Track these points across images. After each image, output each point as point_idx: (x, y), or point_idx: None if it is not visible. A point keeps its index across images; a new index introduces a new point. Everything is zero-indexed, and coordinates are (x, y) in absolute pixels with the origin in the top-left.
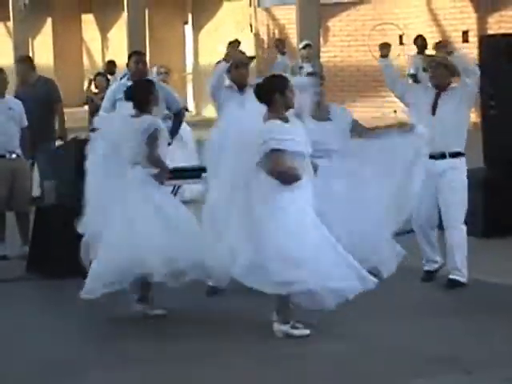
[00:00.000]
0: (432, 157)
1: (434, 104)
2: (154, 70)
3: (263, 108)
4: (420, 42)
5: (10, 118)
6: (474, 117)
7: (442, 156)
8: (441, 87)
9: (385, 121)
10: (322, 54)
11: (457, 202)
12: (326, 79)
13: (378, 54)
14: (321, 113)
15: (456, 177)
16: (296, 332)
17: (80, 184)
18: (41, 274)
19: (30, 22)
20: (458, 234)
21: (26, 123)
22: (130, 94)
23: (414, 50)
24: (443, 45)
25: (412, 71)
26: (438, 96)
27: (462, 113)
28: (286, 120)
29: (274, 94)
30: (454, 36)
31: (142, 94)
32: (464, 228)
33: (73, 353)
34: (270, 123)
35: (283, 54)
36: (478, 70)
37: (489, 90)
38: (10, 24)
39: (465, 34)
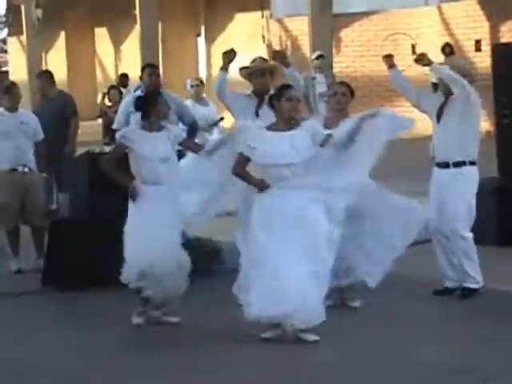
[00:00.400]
0: (438, 165)
1: (439, 112)
2: (188, 82)
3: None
4: (448, 49)
5: (22, 131)
6: (488, 126)
7: (446, 165)
8: (447, 95)
9: None
10: (334, 65)
11: (458, 211)
12: None
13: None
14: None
15: (459, 186)
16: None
17: (93, 197)
18: (56, 287)
19: (44, 36)
20: (461, 242)
21: (40, 137)
22: (137, 106)
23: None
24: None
25: (434, 80)
26: (444, 104)
27: (466, 122)
28: (284, 128)
29: (271, 101)
30: (466, 45)
31: (144, 106)
32: (470, 236)
33: (87, 365)
34: (253, 128)
35: (287, 66)
36: (460, 80)
37: (502, 98)
38: (24, 38)
39: (477, 42)
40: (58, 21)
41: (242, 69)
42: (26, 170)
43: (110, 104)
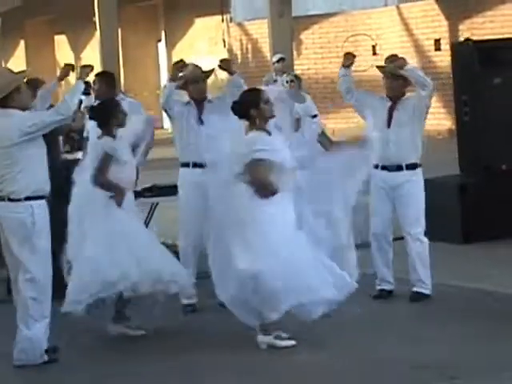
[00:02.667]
0: (386, 168)
1: (389, 116)
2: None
3: (223, 122)
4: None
5: None
6: (449, 124)
7: (398, 168)
8: (395, 98)
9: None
10: (295, 67)
11: (415, 213)
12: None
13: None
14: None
15: (413, 189)
16: (280, 343)
17: (60, 208)
18: None
19: (3, 45)
20: (418, 245)
21: None
22: (92, 115)
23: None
24: (393, 59)
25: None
26: (392, 108)
27: (416, 124)
28: (267, 132)
29: (248, 109)
30: (426, 44)
31: (101, 115)
32: (425, 239)
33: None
34: (252, 134)
35: (232, 73)
36: (431, 84)
37: (462, 96)
38: None
39: (437, 42)
40: (17, 29)
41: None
42: None
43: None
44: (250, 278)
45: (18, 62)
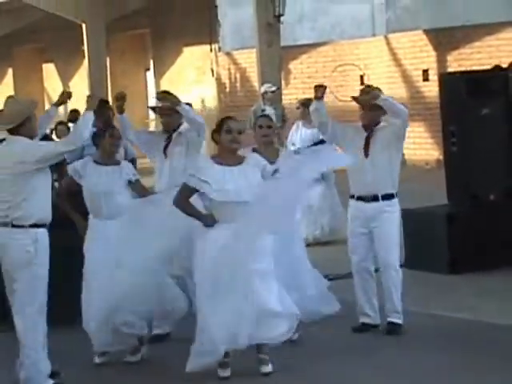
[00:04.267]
0: (362, 199)
1: (366, 146)
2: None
3: (184, 155)
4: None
5: None
6: (437, 154)
7: (374, 199)
8: (370, 128)
9: None
10: (283, 97)
11: (391, 243)
12: (287, 122)
13: (339, 95)
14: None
15: (389, 220)
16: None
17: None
18: (6, 327)
19: None
20: (394, 275)
21: None
22: (94, 141)
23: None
24: (367, 91)
25: None
26: (368, 137)
27: (393, 153)
28: (231, 163)
29: (212, 136)
30: (414, 75)
31: (96, 140)
32: (399, 269)
33: None
34: (201, 159)
35: (121, 112)
36: (406, 112)
37: (450, 127)
38: None
39: (425, 72)
40: (5, 57)
41: (152, 108)
42: None
43: (57, 140)
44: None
45: (5, 89)
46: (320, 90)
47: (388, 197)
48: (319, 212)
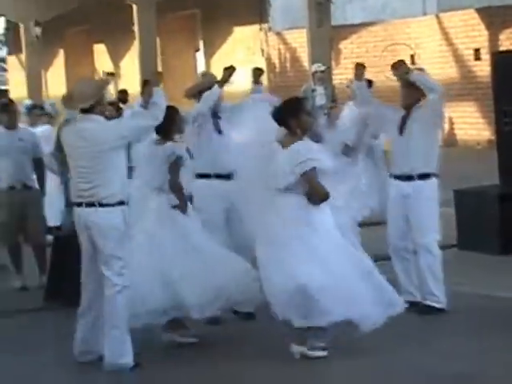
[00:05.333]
0: (399, 178)
1: (402, 124)
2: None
3: (237, 132)
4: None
5: (21, 149)
6: (489, 134)
7: (409, 178)
8: (408, 107)
9: None
10: (333, 77)
11: (425, 224)
12: (337, 101)
13: (390, 74)
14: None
15: (423, 199)
16: (313, 353)
17: None
18: (58, 304)
19: (43, 54)
20: (428, 257)
21: (40, 153)
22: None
23: (426, 68)
24: (398, 66)
25: None
26: (406, 116)
27: (431, 133)
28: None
29: (288, 118)
30: (465, 54)
31: (164, 121)
32: (435, 251)
33: (92, 382)
34: (304, 143)
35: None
36: (440, 87)
37: (503, 106)
38: (23, 56)
39: (476, 51)
40: (57, 38)
41: (189, 89)
42: (24, 187)
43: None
44: (299, 291)
45: (57, 70)
46: (359, 68)
47: (423, 176)
48: (368, 192)
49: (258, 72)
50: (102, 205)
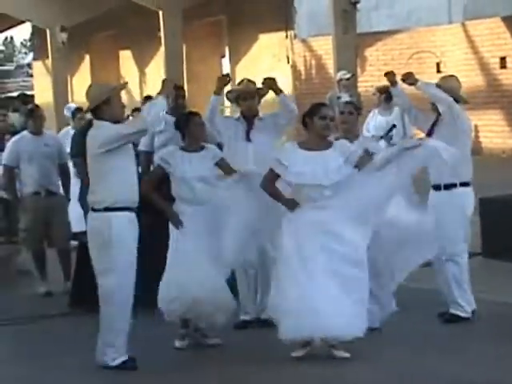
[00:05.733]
0: (433, 187)
1: (430, 131)
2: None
3: (270, 140)
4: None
5: (46, 154)
6: None
7: (438, 187)
8: (438, 114)
9: None
10: (359, 84)
11: (450, 234)
12: (362, 109)
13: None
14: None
15: (449, 210)
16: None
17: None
18: (83, 310)
19: (69, 60)
20: (452, 266)
21: (65, 159)
22: (177, 127)
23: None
24: (406, 77)
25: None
26: (434, 123)
27: (454, 142)
28: (319, 148)
29: (304, 120)
30: (491, 62)
31: (180, 128)
32: (462, 261)
33: None
34: (288, 145)
35: (276, 93)
36: (449, 100)
37: None
38: (49, 62)
39: (502, 59)
40: (82, 44)
41: (228, 92)
42: (49, 193)
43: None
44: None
45: (83, 76)
46: (389, 76)
47: (450, 186)
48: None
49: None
50: (93, 210)
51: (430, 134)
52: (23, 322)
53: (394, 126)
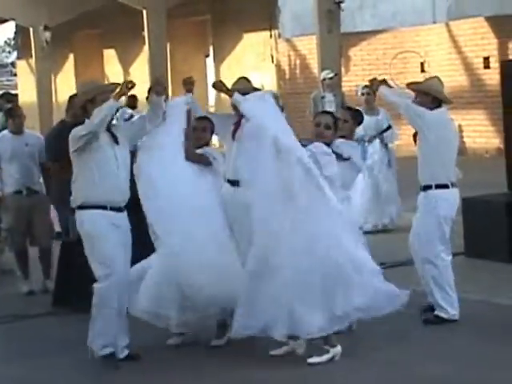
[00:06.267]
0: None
1: (414, 135)
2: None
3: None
4: None
5: (28, 153)
6: (498, 142)
7: (420, 189)
8: None
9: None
10: (343, 84)
11: (429, 236)
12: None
13: (399, 82)
14: None
15: (424, 211)
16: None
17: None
18: (67, 309)
19: (52, 59)
20: (432, 268)
21: (45, 158)
22: None
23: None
24: (373, 83)
25: None
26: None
27: (426, 144)
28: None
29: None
30: (475, 62)
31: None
32: (441, 263)
33: None
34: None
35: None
36: (405, 103)
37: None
38: (33, 61)
39: (486, 59)
40: (66, 43)
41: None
42: (31, 191)
43: None
44: None
45: (67, 75)
46: (374, 83)
47: (426, 188)
48: (386, 200)
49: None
50: (79, 207)
51: (414, 137)
52: (8, 320)
53: (390, 126)
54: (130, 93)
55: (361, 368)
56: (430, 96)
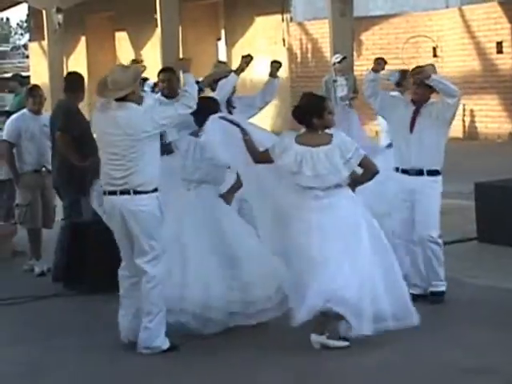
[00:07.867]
0: (407, 172)
1: (412, 121)
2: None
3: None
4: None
5: (44, 134)
6: (510, 127)
7: (419, 173)
8: (419, 103)
9: None
10: (355, 68)
11: (431, 217)
12: (359, 92)
13: (411, 67)
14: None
15: (433, 194)
16: (333, 343)
17: None
18: (78, 291)
19: (65, 41)
20: (437, 248)
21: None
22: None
23: (448, 61)
24: (419, 71)
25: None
26: (416, 112)
27: (440, 130)
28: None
29: (312, 118)
30: (488, 47)
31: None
32: (440, 241)
33: (114, 367)
34: (340, 135)
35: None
36: (458, 92)
37: None
38: (45, 43)
39: (499, 44)
40: (78, 25)
41: (205, 77)
42: (45, 170)
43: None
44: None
45: (79, 57)
46: (380, 62)
47: (433, 172)
48: None
49: (275, 65)
50: (136, 192)
51: (412, 125)
52: (20, 302)
53: None
54: (143, 75)
55: (369, 353)
56: (432, 91)
